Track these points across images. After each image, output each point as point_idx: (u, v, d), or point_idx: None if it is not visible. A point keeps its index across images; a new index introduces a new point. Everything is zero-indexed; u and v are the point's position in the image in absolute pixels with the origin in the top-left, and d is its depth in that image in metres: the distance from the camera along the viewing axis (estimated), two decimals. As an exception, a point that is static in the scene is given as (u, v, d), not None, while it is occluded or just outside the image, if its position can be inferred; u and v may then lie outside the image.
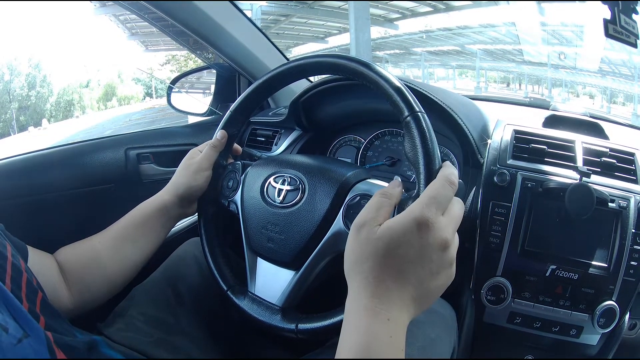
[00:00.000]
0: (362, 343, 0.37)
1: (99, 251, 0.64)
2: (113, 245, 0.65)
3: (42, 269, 0.57)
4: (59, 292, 0.59)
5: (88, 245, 0.65)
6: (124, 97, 17.37)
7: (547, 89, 12.00)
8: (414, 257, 0.39)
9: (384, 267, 0.39)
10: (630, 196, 0.73)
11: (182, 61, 15.68)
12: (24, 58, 16.13)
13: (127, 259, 0.66)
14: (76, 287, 0.62)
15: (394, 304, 0.39)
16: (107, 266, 0.64)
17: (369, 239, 0.40)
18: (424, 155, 0.49)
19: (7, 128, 13.48)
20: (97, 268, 0.63)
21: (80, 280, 0.62)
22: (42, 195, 0.87)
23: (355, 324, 0.39)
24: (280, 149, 1.04)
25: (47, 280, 0.57)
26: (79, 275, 0.62)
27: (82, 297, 0.62)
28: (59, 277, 0.61)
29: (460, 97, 0.93)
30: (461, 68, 14.78)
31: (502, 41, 12.23)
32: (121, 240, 0.66)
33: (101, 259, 0.64)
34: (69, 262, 0.62)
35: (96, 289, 0.64)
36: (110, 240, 0.66)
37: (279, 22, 12.97)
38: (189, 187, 0.69)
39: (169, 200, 0.70)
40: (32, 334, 0.38)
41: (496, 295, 0.75)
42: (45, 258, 0.61)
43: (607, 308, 0.72)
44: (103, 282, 0.64)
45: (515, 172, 0.76)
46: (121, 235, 0.66)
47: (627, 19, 0.88)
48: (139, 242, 0.67)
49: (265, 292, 0.61)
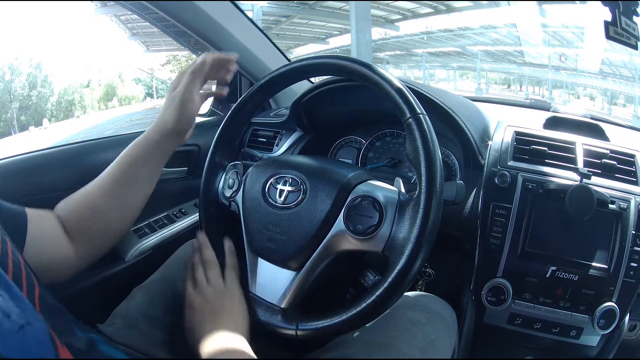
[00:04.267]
0: None
1: (96, 199, 0.63)
2: (110, 190, 0.64)
3: (45, 227, 0.57)
4: (63, 248, 0.59)
5: (84, 195, 0.64)
6: (124, 97, 17.38)
7: (547, 91, 12.01)
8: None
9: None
10: (630, 198, 0.73)
11: (183, 61, 15.70)
12: (25, 58, 16.13)
13: (126, 203, 0.66)
14: (79, 240, 0.61)
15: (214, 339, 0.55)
16: (106, 213, 0.63)
17: None
18: (425, 157, 0.49)
19: (8, 128, 13.49)
20: (96, 217, 0.63)
21: (83, 232, 0.62)
22: (42, 195, 0.87)
23: None
24: (281, 150, 1.04)
25: (50, 237, 0.58)
26: (81, 227, 0.61)
27: (86, 249, 0.62)
28: (62, 233, 0.60)
29: (461, 99, 0.93)
30: (462, 69, 14.80)
31: (503, 42, 12.24)
32: (118, 186, 0.64)
33: (100, 207, 0.63)
34: (69, 215, 0.62)
35: (99, 238, 0.64)
36: (107, 186, 0.64)
37: (280, 23, 12.99)
38: (178, 121, 0.66)
39: (160, 138, 0.67)
40: (34, 322, 0.38)
41: (496, 296, 0.75)
42: (46, 216, 0.60)
43: (607, 309, 0.72)
44: (106, 230, 0.64)
45: (515, 173, 0.77)
46: (117, 180, 0.65)
47: (628, 20, 0.88)
48: (136, 185, 0.66)
49: (265, 292, 0.61)
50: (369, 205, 0.55)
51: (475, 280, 0.78)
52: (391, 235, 0.52)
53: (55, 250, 0.58)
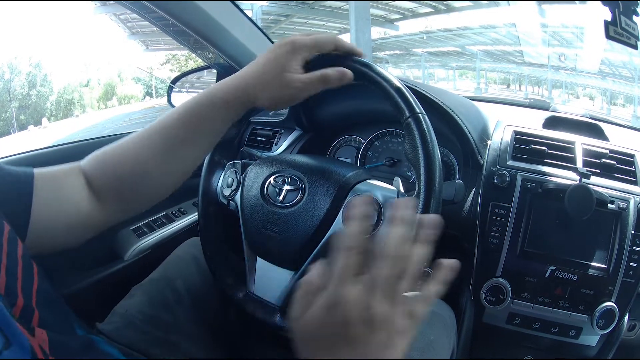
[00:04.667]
0: None
1: (140, 159, 0.54)
2: (163, 150, 0.55)
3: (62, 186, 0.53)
4: (85, 208, 0.53)
5: (124, 152, 0.55)
6: (124, 96, 17.37)
7: (547, 90, 12.00)
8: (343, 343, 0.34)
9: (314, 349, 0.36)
10: (629, 197, 0.73)
11: (182, 61, 15.68)
12: (24, 57, 16.13)
13: (178, 165, 0.57)
14: (108, 199, 0.55)
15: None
16: (151, 175, 0.55)
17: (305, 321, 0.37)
18: (424, 156, 0.49)
19: (7, 127, 13.48)
20: (138, 178, 0.55)
21: (115, 191, 0.55)
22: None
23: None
24: (280, 149, 1.04)
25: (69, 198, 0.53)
26: (114, 186, 0.55)
27: (115, 208, 0.56)
28: (86, 191, 0.54)
29: (460, 98, 0.93)
30: (461, 69, 14.79)
31: (503, 42, 12.24)
32: (173, 145, 0.55)
33: (145, 168, 0.55)
34: (100, 172, 0.55)
35: (134, 200, 0.58)
36: (159, 144, 0.55)
37: (280, 22, 12.97)
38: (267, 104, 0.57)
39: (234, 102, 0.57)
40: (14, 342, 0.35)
41: (495, 296, 0.75)
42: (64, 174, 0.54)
43: (606, 309, 0.72)
44: (143, 193, 0.57)
45: (515, 173, 0.77)
46: (174, 138, 0.55)
47: (628, 20, 0.88)
48: (194, 147, 0.57)
49: (264, 291, 0.61)
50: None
51: (474, 280, 0.78)
52: (390, 234, 0.52)
53: (74, 210, 0.52)
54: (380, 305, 0.33)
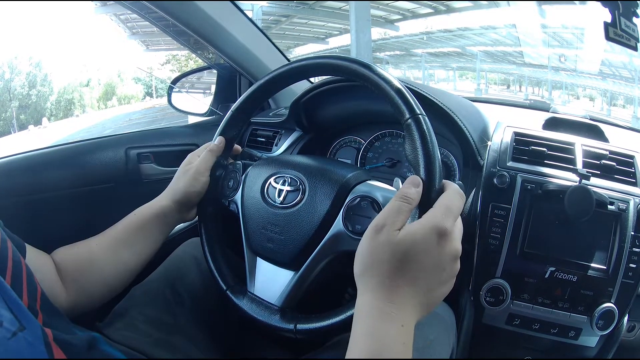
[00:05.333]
0: (376, 348, 0.37)
1: (96, 254, 0.64)
2: (110, 248, 0.65)
3: (40, 267, 0.57)
4: (55, 291, 0.59)
5: (85, 247, 0.64)
6: (124, 96, 17.37)
7: (547, 91, 12.02)
8: (430, 266, 0.41)
9: (401, 272, 0.40)
10: (629, 199, 0.73)
11: (182, 61, 15.68)
12: (24, 57, 16.13)
13: (124, 263, 0.66)
14: (73, 288, 0.61)
15: (407, 310, 0.39)
16: (103, 269, 0.64)
17: (389, 242, 0.41)
18: (424, 157, 0.49)
19: (7, 127, 13.48)
20: (93, 270, 0.63)
21: (77, 282, 0.61)
22: (42, 194, 0.87)
23: (369, 328, 0.39)
24: (280, 150, 1.04)
25: (43, 279, 0.57)
26: (76, 277, 0.61)
27: (78, 298, 0.62)
28: (56, 277, 0.60)
29: (460, 99, 0.93)
30: (461, 70, 14.80)
31: (503, 43, 12.25)
32: (118, 244, 0.65)
33: (98, 262, 0.63)
34: (66, 263, 0.62)
35: (93, 290, 0.64)
36: (108, 243, 0.65)
37: (280, 23, 12.98)
38: (186, 192, 0.69)
39: (167, 206, 0.69)
40: (28, 327, 0.38)
41: (495, 297, 0.75)
42: (42, 257, 0.60)
43: (606, 310, 0.72)
44: (99, 285, 0.64)
45: (515, 174, 0.77)
46: (118, 239, 0.66)
47: (628, 22, 0.88)
48: (136, 247, 0.67)
49: (264, 292, 0.61)
50: (368, 205, 0.55)
51: (474, 281, 0.78)
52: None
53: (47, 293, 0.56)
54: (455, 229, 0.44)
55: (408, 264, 0.40)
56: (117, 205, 1.00)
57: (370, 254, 0.42)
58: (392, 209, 0.43)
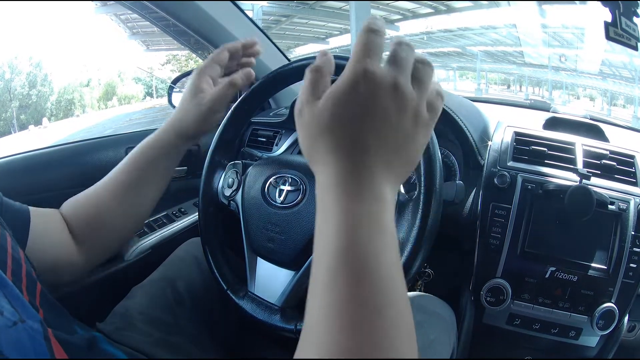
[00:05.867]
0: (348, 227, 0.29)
1: (103, 203, 0.61)
2: (118, 193, 0.61)
3: (49, 226, 0.57)
4: (68, 249, 0.58)
5: (91, 196, 0.62)
6: (124, 96, 17.37)
7: (547, 91, 12.01)
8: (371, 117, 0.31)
9: (341, 134, 0.32)
10: (629, 198, 0.73)
11: (183, 61, 15.66)
12: (24, 57, 16.13)
13: (134, 206, 0.63)
14: (84, 242, 0.60)
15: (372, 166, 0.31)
16: (113, 215, 0.61)
17: (314, 115, 0.33)
18: (424, 157, 0.49)
19: (8, 127, 13.49)
20: (103, 221, 0.61)
21: (88, 235, 0.60)
22: (42, 194, 0.87)
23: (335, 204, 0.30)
24: (281, 150, 1.04)
25: (54, 237, 0.57)
26: (85, 228, 0.60)
27: (90, 250, 0.61)
28: (66, 232, 0.59)
29: (460, 99, 0.93)
30: (462, 69, 14.79)
31: (503, 43, 12.24)
32: (126, 188, 0.62)
33: (106, 212, 0.61)
34: (74, 215, 0.60)
35: (104, 240, 0.62)
36: (115, 188, 0.62)
37: (280, 23, 12.98)
38: (197, 128, 0.62)
39: (175, 141, 0.63)
40: (28, 320, 0.38)
41: (496, 297, 0.75)
42: (50, 216, 0.59)
43: (606, 310, 0.72)
44: (112, 235, 0.63)
45: (515, 173, 0.77)
46: (126, 183, 0.62)
47: (628, 21, 0.88)
48: (145, 188, 0.64)
49: (264, 292, 0.61)
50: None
51: (475, 281, 0.78)
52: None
53: (59, 250, 0.57)
54: (407, 84, 0.32)
55: (344, 124, 0.31)
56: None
57: (305, 136, 0.35)
58: (305, 86, 0.35)
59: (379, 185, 0.31)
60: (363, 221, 0.29)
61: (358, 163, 0.31)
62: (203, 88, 0.61)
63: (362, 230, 0.29)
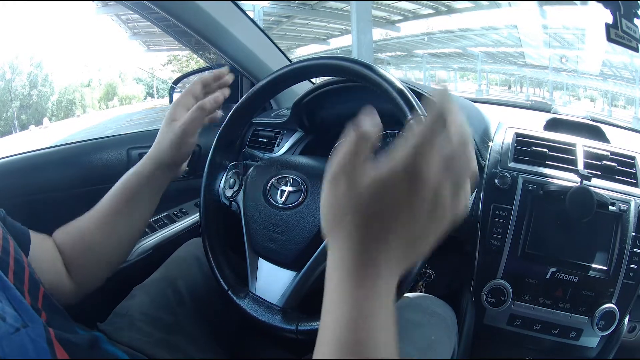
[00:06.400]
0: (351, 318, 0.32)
1: (88, 231, 0.62)
2: (105, 223, 0.62)
3: (44, 252, 0.57)
4: (60, 275, 0.59)
5: (80, 226, 0.63)
6: (125, 96, 17.39)
7: (548, 92, 12.03)
8: (402, 215, 0.32)
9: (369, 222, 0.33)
10: (630, 199, 0.73)
11: (184, 61, 15.72)
12: (25, 57, 16.15)
13: (119, 236, 0.64)
14: (73, 269, 0.61)
15: (383, 263, 0.32)
16: (99, 245, 0.62)
17: (353, 190, 0.33)
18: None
19: (8, 127, 13.50)
20: (89, 248, 0.62)
21: (76, 262, 0.61)
22: (43, 194, 0.87)
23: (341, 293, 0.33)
24: (282, 150, 1.04)
25: (50, 264, 0.57)
26: (74, 257, 0.61)
27: (80, 278, 0.61)
28: (60, 261, 0.60)
29: (461, 100, 0.94)
30: (463, 70, 14.82)
31: (504, 44, 12.26)
32: (110, 218, 0.63)
33: (92, 240, 0.62)
34: (64, 244, 0.61)
35: (92, 269, 0.63)
36: (100, 219, 0.63)
37: (281, 23, 13.00)
38: (172, 155, 0.64)
39: (155, 171, 0.65)
40: (31, 324, 0.38)
41: (496, 298, 0.75)
42: (46, 241, 0.60)
43: (606, 311, 0.72)
44: (99, 262, 0.63)
45: (516, 174, 0.77)
46: (110, 213, 0.63)
47: (629, 23, 0.88)
48: (131, 217, 0.64)
49: (266, 292, 0.61)
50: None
51: (475, 282, 0.78)
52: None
53: (54, 276, 0.57)
54: (447, 196, 0.33)
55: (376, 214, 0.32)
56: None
57: (332, 206, 0.36)
58: (348, 152, 0.35)
59: (385, 283, 0.33)
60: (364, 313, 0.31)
61: (372, 259, 0.32)
62: (176, 117, 0.65)
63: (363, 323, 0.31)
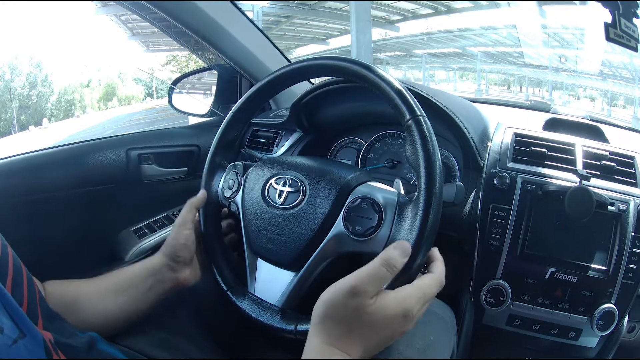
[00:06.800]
0: None
1: (82, 296, 0.61)
2: (97, 293, 0.62)
3: None
4: None
5: (73, 288, 0.62)
6: (124, 97, 17.38)
7: (547, 92, 12.02)
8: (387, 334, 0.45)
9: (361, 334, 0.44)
10: (629, 199, 0.73)
11: (183, 62, 15.70)
12: (25, 57, 16.12)
13: (108, 311, 0.62)
14: None
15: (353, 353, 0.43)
16: (86, 313, 0.61)
17: (360, 309, 0.43)
18: (424, 158, 0.49)
19: (8, 127, 13.49)
20: (77, 312, 0.60)
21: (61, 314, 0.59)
22: (43, 195, 0.87)
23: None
24: (281, 151, 1.04)
25: None
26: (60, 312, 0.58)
27: None
28: None
29: (460, 100, 0.93)
30: (462, 70, 14.81)
31: (503, 43, 12.25)
32: (105, 292, 0.62)
33: (82, 305, 0.60)
34: (53, 297, 0.59)
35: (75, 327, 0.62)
36: (95, 288, 0.63)
37: (280, 24, 12.99)
38: (172, 246, 0.64)
39: (158, 262, 0.64)
40: (28, 334, 0.38)
41: (495, 298, 0.75)
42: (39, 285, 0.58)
43: (606, 311, 0.72)
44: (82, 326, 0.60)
45: (515, 175, 0.77)
46: (106, 287, 0.63)
47: (628, 22, 0.88)
48: (122, 298, 0.62)
49: (265, 293, 0.61)
50: (369, 206, 0.55)
51: (475, 282, 0.78)
52: (390, 236, 0.52)
53: None
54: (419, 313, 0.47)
55: (370, 330, 0.44)
56: (118, 206, 1.01)
57: (338, 314, 0.44)
58: (373, 274, 0.45)
59: None
60: None
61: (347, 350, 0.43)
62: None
63: None
